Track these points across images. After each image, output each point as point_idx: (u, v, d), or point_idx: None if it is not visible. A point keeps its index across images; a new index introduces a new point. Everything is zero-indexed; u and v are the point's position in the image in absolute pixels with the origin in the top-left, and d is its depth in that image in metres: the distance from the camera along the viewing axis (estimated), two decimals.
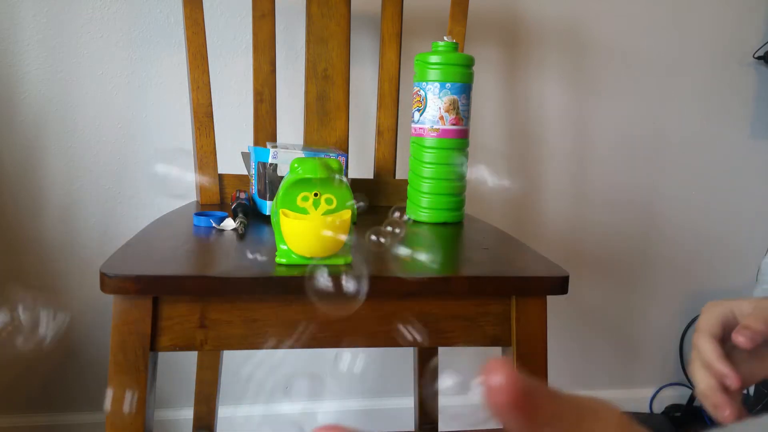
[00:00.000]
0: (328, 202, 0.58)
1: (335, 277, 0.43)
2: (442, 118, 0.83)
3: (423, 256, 0.37)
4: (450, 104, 0.83)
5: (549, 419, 0.25)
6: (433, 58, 0.83)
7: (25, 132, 1.06)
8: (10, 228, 1.09)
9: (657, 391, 1.43)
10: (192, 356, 1.19)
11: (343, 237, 0.58)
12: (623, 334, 1.39)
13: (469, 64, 0.84)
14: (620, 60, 1.26)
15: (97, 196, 1.11)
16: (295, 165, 0.59)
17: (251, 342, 0.58)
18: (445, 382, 0.33)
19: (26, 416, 1.14)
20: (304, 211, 0.58)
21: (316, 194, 0.58)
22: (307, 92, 0.96)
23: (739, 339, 0.46)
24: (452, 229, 0.82)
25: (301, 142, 1.09)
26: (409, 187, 0.89)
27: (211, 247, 0.66)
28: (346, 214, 0.58)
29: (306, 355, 1.24)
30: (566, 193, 1.30)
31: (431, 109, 0.84)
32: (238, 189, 0.90)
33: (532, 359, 0.63)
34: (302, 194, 0.57)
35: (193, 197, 1.12)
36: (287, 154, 0.80)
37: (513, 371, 0.24)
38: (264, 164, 0.80)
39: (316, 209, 0.58)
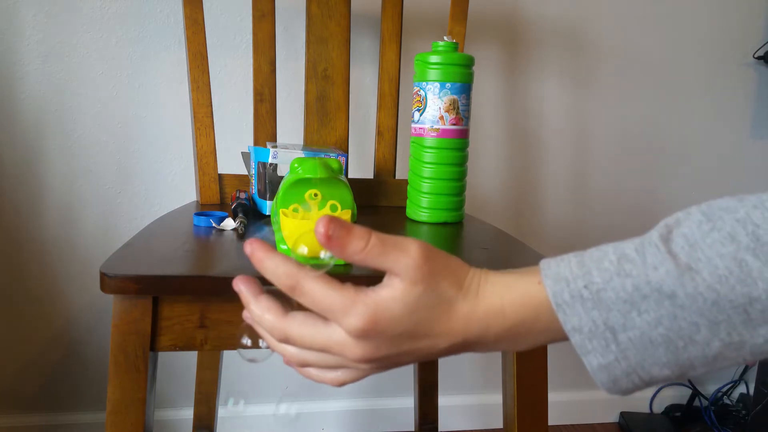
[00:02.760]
0: (332, 207, 0.58)
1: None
2: (442, 118, 0.83)
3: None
4: (450, 104, 0.83)
5: (357, 252, 0.36)
6: (433, 58, 0.83)
7: (25, 132, 1.07)
8: (10, 228, 1.09)
9: (657, 391, 1.43)
10: (192, 356, 1.19)
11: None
12: None
13: (469, 64, 0.84)
14: (620, 60, 1.26)
15: (97, 196, 1.11)
16: (295, 165, 0.59)
17: (251, 342, 0.58)
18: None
19: (26, 416, 1.14)
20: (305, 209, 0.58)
21: (316, 194, 0.58)
22: (307, 92, 0.96)
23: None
24: (452, 229, 0.82)
25: (301, 142, 1.09)
26: (409, 187, 0.89)
27: (211, 247, 0.66)
28: (346, 214, 0.58)
29: None
30: (566, 193, 1.30)
31: (431, 109, 0.84)
32: (238, 189, 0.90)
33: (532, 359, 0.63)
34: (306, 193, 0.57)
35: (193, 197, 1.12)
36: (287, 154, 0.80)
37: (332, 219, 0.36)
38: (264, 164, 0.80)
39: (319, 210, 0.58)
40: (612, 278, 0.36)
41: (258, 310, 0.40)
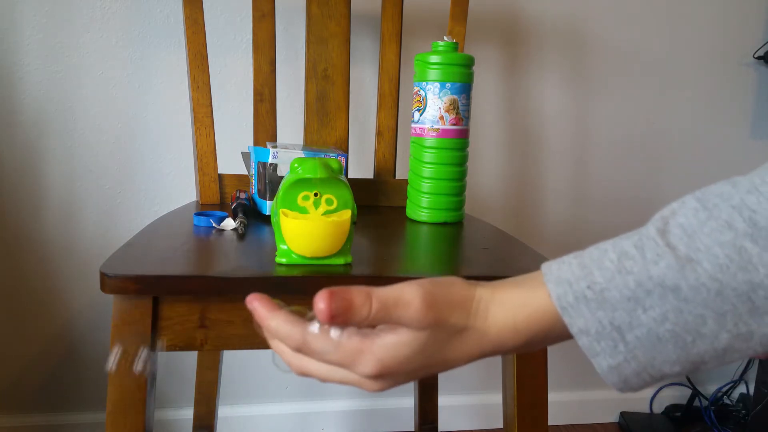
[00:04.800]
0: (329, 202, 0.58)
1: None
2: (442, 118, 0.83)
3: None
4: (450, 104, 0.83)
5: (362, 321, 0.36)
6: (433, 58, 0.83)
7: (25, 132, 1.07)
8: (10, 228, 1.09)
9: (657, 391, 1.43)
10: (192, 356, 1.19)
11: (343, 237, 0.58)
12: None
13: (469, 64, 0.84)
14: (620, 60, 1.26)
15: (97, 196, 1.11)
16: (295, 165, 0.59)
17: (251, 342, 0.58)
18: None
19: (26, 416, 1.15)
20: (304, 211, 0.58)
21: (316, 194, 0.58)
22: (307, 92, 0.96)
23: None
24: (452, 229, 0.82)
25: (301, 142, 1.09)
26: (409, 187, 0.89)
27: (211, 247, 0.66)
28: (346, 214, 0.58)
29: None
30: (566, 193, 1.30)
31: (431, 109, 0.84)
32: (238, 189, 0.91)
33: (532, 359, 0.63)
34: (302, 194, 0.57)
35: (193, 197, 1.12)
36: (287, 154, 0.80)
37: (331, 296, 0.35)
38: (264, 164, 0.80)
39: (316, 209, 0.58)
40: (614, 276, 0.36)
41: (275, 323, 0.39)
